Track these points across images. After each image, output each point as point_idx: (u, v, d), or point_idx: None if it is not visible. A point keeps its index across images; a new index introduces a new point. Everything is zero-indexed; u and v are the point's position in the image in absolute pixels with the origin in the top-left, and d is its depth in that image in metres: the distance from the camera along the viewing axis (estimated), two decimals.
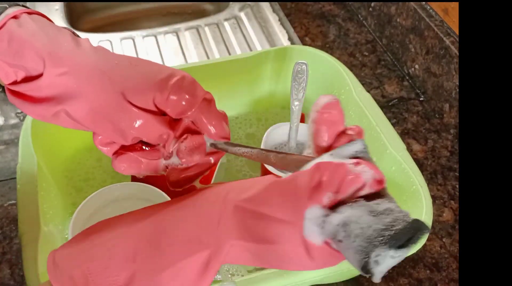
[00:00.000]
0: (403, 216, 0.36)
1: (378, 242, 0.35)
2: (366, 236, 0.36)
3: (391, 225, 0.36)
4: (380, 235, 0.35)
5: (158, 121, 0.46)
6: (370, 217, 0.37)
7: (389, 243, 0.35)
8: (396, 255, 0.35)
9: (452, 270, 0.70)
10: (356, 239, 0.36)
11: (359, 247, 0.36)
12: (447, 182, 0.80)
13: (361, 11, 1.09)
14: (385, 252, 0.35)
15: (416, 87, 0.95)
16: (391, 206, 0.37)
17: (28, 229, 0.58)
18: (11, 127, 0.85)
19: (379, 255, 0.35)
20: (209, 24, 1.06)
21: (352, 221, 0.36)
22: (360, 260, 0.36)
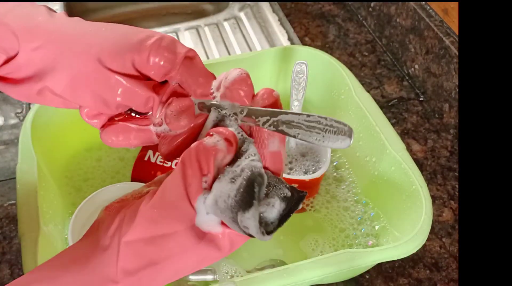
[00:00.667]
0: (246, 174, 0.37)
1: (236, 210, 0.37)
2: (229, 208, 0.37)
3: (239, 187, 0.37)
4: (235, 202, 0.37)
5: (141, 86, 0.43)
6: (229, 186, 0.37)
7: (241, 207, 0.36)
8: (250, 215, 0.36)
9: (452, 270, 0.70)
10: (225, 213, 0.37)
11: (230, 219, 0.37)
12: (447, 182, 0.80)
13: (360, 11, 1.09)
14: (243, 216, 0.36)
15: (415, 87, 0.95)
16: (244, 164, 0.38)
17: (28, 229, 0.58)
18: (10, 127, 0.85)
19: (242, 221, 0.36)
20: (208, 24, 1.06)
21: (218, 197, 0.37)
22: (238, 230, 0.37)
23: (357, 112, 0.74)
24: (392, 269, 0.70)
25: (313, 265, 0.56)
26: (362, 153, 0.74)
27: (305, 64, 0.72)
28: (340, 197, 0.74)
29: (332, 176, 0.77)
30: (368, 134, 0.71)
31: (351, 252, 0.57)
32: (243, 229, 0.37)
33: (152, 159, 0.71)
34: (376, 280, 0.69)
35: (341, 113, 0.77)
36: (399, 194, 0.66)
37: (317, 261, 0.56)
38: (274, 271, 0.54)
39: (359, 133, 0.74)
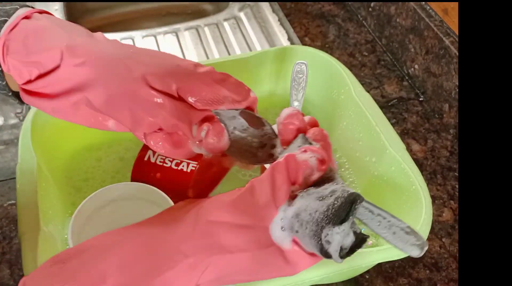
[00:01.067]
0: (342, 193, 0.40)
1: (324, 223, 0.39)
2: (314, 221, 0.39)
3: (332, 204, 0.39)
4: (325, 216, 0.39)
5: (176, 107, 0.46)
6: (317, 202, 0.40)
7: (332, 221, 0.39)
8: (340, 230, 0.38)
9: (452, 270, 0.70)
10: (307, 226, 0.39)
11: (311, 232, 0.39)
12: (447, 182, 0.80)
13: (360, 11, 1.09)
14: (331, 230, 0.38)
15: (415, 87, 0.95)
16: (336, 188, 0.41)
17: (28, 229, 0.58)
18: (10, 127, 0.85)
19: (327, 235, 0.38)
20: (208, 24, 1.06)
21: (302, 210, 0.40)
22: (316, 245, 0.39)
23: (357, 112, 0.73)
24: (392, 269, 0.70)
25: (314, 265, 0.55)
26: (362, 153, 0.74)
27: (305, 64, 0.72)
28: None
29: None
30: (368, 134, 0.71)
31: None
32: (322, 244, 0.39)
33: (152, 159, 0.71)
34: (376, 280, 0.69)
35: (341, 113, 0.77)
36: (399, 194, 0.66)
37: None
38: None
39: (359, 133, 0.74)
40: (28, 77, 0.48)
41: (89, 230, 0.65)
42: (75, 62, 0.47)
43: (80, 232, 0.64)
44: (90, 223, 0.66)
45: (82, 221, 0.65)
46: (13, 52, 0.48)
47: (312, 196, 0.40)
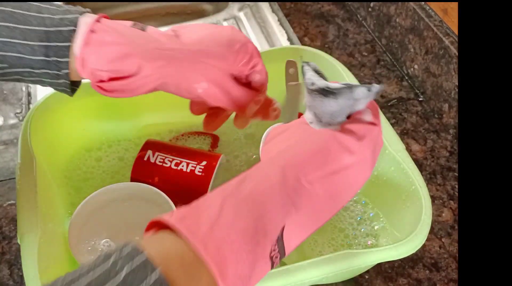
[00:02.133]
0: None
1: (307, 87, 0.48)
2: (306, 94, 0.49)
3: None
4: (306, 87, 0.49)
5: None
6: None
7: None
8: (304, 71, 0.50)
9: (451, 270, 0.70)
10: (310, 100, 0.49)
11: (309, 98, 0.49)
12: (446, 182, 0.80)
13: (360, 11, 1.09)
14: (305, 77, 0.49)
15: (415, 87, 0.95)
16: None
17: (27, 229, 0.57)
18: (10, 127, 0.85)
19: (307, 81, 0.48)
20: None
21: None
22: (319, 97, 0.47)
23: None
24: (392, 269, 0.70)
25: (313, 265, 0.56)
26: None
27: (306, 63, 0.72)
28: None
29: None
30: None
31: (350, 252, 0.57)
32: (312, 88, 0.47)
33: (152, 159, 0.71)
34: (375, 280, 0.69)
35: None
36: (399, 194, 0.66)
37: (317, 262, 0.56)
38: (274, 271, 0.54)
39: None
40: (105, 79, 0.53)
41: (88, 230, 0.65)
42: (156, 65, 0.53)
43: (79, 232, 0.64)
44: (90, 223, 0.66)
45: (81, 221, 0.65)
46: (91, 63, 0.52)
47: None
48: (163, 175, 0.70)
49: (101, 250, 0.65)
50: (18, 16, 0.51)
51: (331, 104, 0.46)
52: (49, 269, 0.56)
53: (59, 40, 0.51)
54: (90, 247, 0.65)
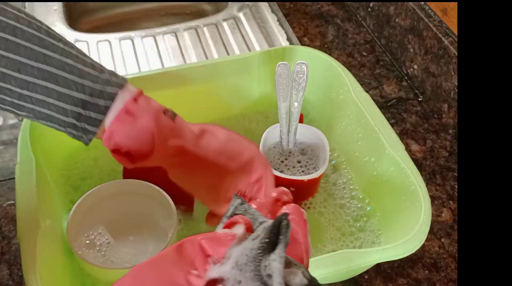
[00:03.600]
0: (267, 224, 0.40)
1: (260, 256, 0.37)
2: (251, 259, 0.37)
3: (263, 235, 0.38)
4: (259, 249, 0.37)
5: None
6: (251, 242, 0.39)
7: (267, 250, 0.37)
8: (276, 256, 0.37)
9: (451, 270, 0.70)
10: (246, 268, 0.37)
11: (252, 272, 0.37)
12: (446, 182, 0.80)
13: (359, 11, 1.09)
14: (268, 260, 0.37)
15: (414, 87, 0.95)
16: (265, 224, 0.41)
17: (27, 229, 0.57)
18: (9, 127, 0.85)
19: (265, 267, 0.37)
20: (207, 24, 1.05)
21: (239, 255, 0.38)
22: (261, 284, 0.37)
23: (356, 113, 0.74)
24: (391, 269, 0.70)
25: (312, 265, 0.55)
26: (361, 153, 0.74)
27: (305, 65, 0.72)
28: (338, 197, 0.74)
29: (330, 176, 0.77)
30: (367, 134, 0.71)
31: (350, 252, 0.57)
32: (265, 281, 0.37)
33: None
34: (375, 280, 0.69)
35: (340, 113, 0.77)
36: (398, 194, 0.66)
37: (316, 261, 0.56)
38: None
39: (358, 133, 0.74)
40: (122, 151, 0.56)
41: (86, 224, 0.66)
42: (168, 154, 0.56)
43: (78, 226, 0.65)
44: (88, 218, 0.67)
45: (79, 215, 0.66)
46: (117, 138, 0.54)
47: (247, 241, 0.40)
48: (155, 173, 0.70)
49: (100, 245, 0.66)
50: (59, 79, 0.50)
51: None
52: (48, 269, 0.56)
53: (94, 111, 0.52)
54: (88, 240, 0.66)
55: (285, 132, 0.74)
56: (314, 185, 0.73)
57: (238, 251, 0.39)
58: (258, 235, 0.39)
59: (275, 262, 0.37)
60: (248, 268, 0.37)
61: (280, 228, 0.38)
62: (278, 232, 0.38)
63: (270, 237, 0.38)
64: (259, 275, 0.37)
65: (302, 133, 0.75)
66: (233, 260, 0.38)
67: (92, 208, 0.67)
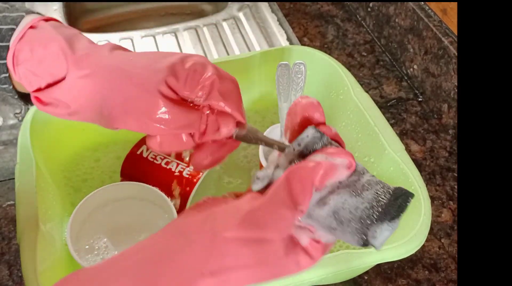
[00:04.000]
0: (384, 188, 0.39)
1: (371, 221, 0.37)
2: (357, 219, 0.38)
3: (376, 201, 0.38)
4: (370, 214, 0.38)
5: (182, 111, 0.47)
6: (354, 199, 0.39)
7: (381, 219, 0.37)
8: (391, 227, 0.38)
9: (451, 271, 0.70)
10: (349, 224, 0.38)
11: (355, 230, 0.38)
12: (446, 183, 0.80)
13: (359, 11, 1.09)
14: (380, 228, 0.37)
15: (414, 88, 0.95)
16: (367, 179, 0.40)
17: (27, 229, 0.57)
18: (9, 127, 0.85)
19: (375, 231, 0.37)
20: (207, 24, 1.05)
21: (340, 208, 0.38)
22: (358, 240, 0.38)
23: (355, 113, 0.74)
24: (391, 269, 0.70)
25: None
26: (361, 154, 0.74)
27: (304, 65, 0.72)
28: None
29: None
30: (367, 134, 0.71)
31: (350, 253, 0.57)
32: (368, 240, 0.37)
33: (144, 154, 0.72)
34: (375, 280, 0.69)
35: (340, 113, 0.77)
36: None
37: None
38: None
39: (358, 133, 0.74)
40: (38, 86, 0.49)
41: (87, 229, 0.66)
42: (79, 74, 0.47)
43: (78, 231, 0.65)
44: (88, 222, 0.66)
45: (80, 220, 0.65)
46: (23, 62, 0.48)
47: (344, 191, 0.39)
48: (152, 171, 0.71)
49: (97, 249, 0.65)
50: None
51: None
52: (48, 270, 0.56)
53: None
54: (88, 245, 0.65)
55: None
56: None
57: (335, 200, 0.38)
58: (359, 191, 0.39)
59: (387, 232, 0.37)
60: (351, 225, 0.38)
61: (403, 203, 0.38)
62: (401, 207, 0.38)
63: (389, 209, 0.38)
64: (362, 234, 0.38)
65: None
66: (331, 209, 0.38)
67: (93, 213, 0.67)
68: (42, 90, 0.49)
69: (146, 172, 0.71)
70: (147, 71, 0.47)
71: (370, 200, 0.38)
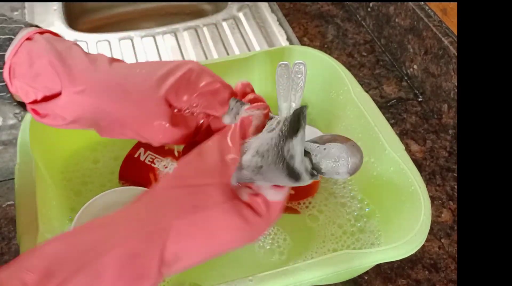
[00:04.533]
0: (288, 116, 0.44)
1: (282, 142, 0.43)
2: (273, 146, 0.43)
3: (284, 126, 0.44)
4: (281, 137, 0.43)
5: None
6: (269, 134, 0.45)
7: (289, 136, 0.42)
8: (298, 139, 0.42)
9: (451, 271, 0.70)
10: (268, 154, 0.43)
11: (274, 156, 0.43)
12: (446, 183, 0.80)
13: (359, 11, 1.09)
14: (291, 144, 0.42)
15: (414, 88, 0.95)
16: (279, 118, 0.48)
17: (26, 230, 0.57)
18: (9, 127, 0.85)
19: (289, 150, 0.42)
20: (207, 24, 1.05)
21: (259, 145, 0.44)
22: (282, 166, 0.42)
23: (355, 113, 0.73)
24: (391, 270, 0.70)
25: (312, 266, 0.56)
26: None
27: (303, 65, 0.72)
28: (339, 196, 0.74)
29: None
30: (367, 134, 0.71)
31: (350, 253, 0.57)
32: (287, 161, 0.42)
33: (142, 158, 0.72)
34: (375, 281, 0.69)
35: (340, 113, 0.77)
36: (398, 195, 0.66)
37: (316, 262, 0.56)
38: (273, 272, 0.54)
39: (358, 133, 0.74)
40: (34, 98, 0.50)
41: None
42: (74, 90, 0.49)
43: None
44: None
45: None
46: (19, 75, 0.49)
47: (263, 133, 0.46)
48: (149, 175, 0.70)
49: None
50: None
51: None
52: None
53: None
54: None
55: None
56: (313, 185, 0.73)
57: (256, 142, 0.45)
58: (274, 127, 0.46)
59: (298, 146, 0.42)
60: (269, 154, 0.43)
61: (300, 117, 0.43)
62: (299, 118, 0.43)
63: (292, 125, 0.43)
64: (281, 158, 0.42)
65: None
66: (253, 150, 0.44)
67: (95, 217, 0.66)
68: (39, 103, 0.50)
69: (144, 175, 0.70)
70: (144, 86, 0.49)
71: (280, 128, 0.44)
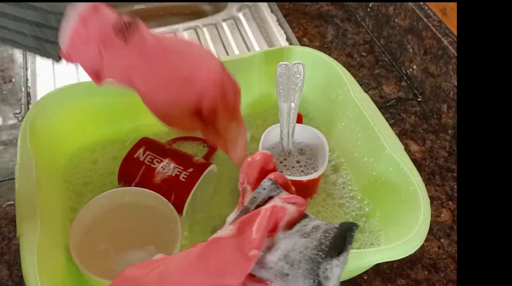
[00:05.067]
0: (331, 226, 0.38)
1: (320, 258, 0.36)
2: (307, 258, 0.37)
3: (324, 238, 0.37)
4: (319, 251, 0.37)
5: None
6: (303, 240, 0.38)
7: (329, 254, 0.36)
8: (340, 262, 0.36)
9: (450, 271, 0.70)
10: (300, 265, 0.37)
11: (306, 271, 0.36)
12: (445, 183, 0.80)
13: (359, 11, 1.09)
14: (330, 264, 0.36)
15: (414, 88, 0.95)
16: (317, 223, 0.39)
17: (26, 230, 0.57)
18: (9, 127, 0.85)
19: (326, 270, 0.36)
20: (207, 24, 1.06)
21: (290, 250, 0.37)
22: (311, 284, 0.36)
23: (355, 113, 0.74)
24: (390, 269, 0.70)
25: None
26: (360, 154, 0.74)
27: (302, 65, 0.72)
28: (338, 196, 0.74)
29: (330, 177, 0.77)
30: (366, 134, 0.71)
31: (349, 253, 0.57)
32: (320, 281, 0.36)
33: (141, 158, 0.71)
34: (374, 281, 0.69)
35: (339, 113, 0.77)
36: (397, 195, 0.66)
37: None
38: None
39: (357, 133, 0.74)
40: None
41: (89, 234, 0.65)
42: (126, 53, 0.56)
43: (80, 236, 0.64)
44: (91, 228, 0.66)
45: (83, 225, 0.64)
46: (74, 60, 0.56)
47: (294, 235, 0.39)
48: (148, 175, 0.70)
49: (98, 253, 0.65)
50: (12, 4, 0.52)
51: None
52: (48, 270, 0.56)
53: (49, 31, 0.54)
54: (89, 249, 0.64)
55: (285, 133, 0.74)
56: (313, 186, 0.73)
57: (285, 244, 0.38)
58: (309, 233, 0.38)
59: (338, 268, 0.36)
60: (302, 266, 0.37)
61: (346, 235, 0.37)
62: (345, 239, 0.37)
63: (336, 241, 0.37)
64: (314, 274, 0.36)
65: (301, 134, 0.75)
66: (281, 253, 0.37)
67: (95, 218, 0.65)
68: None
69: (143, 176, 0.70)
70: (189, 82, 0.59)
71: (319, 238, 0.38)
